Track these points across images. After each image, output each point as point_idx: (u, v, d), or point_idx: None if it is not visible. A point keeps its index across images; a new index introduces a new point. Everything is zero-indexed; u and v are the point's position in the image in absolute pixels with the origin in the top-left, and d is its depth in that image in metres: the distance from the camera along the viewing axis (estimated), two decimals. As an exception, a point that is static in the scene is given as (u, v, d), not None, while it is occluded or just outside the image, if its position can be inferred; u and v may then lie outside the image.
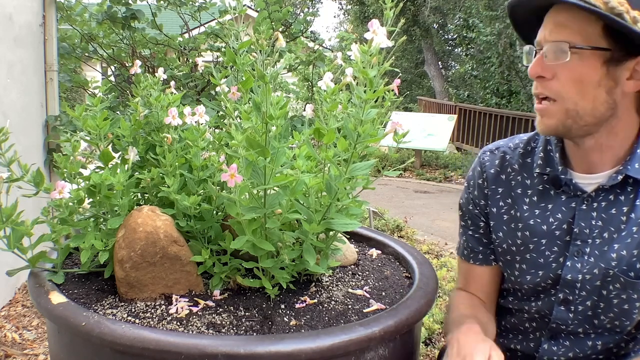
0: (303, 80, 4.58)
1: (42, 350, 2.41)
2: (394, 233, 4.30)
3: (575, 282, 1.03)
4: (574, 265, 1.03)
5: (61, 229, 1.11)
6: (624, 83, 0.92)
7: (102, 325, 0.90)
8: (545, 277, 1.07)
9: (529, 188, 1.08)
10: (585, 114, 0.93)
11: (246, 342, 0.87)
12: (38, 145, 3.14)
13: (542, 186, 1.06)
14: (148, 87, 1.28)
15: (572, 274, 1.03)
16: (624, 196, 0.99)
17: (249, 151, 1.00)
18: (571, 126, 0.95)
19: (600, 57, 0.90)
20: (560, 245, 1.05)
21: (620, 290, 1.01)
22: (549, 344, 1.11)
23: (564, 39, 0.90)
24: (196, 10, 3.64)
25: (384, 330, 0.94)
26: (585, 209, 1.02)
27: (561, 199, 1.04)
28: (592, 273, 1.02)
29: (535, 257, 1.07)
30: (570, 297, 1.05)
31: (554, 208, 1.05)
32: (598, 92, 0.91)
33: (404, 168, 8.48)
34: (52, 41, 3.22)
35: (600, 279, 1.01)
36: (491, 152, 1.15)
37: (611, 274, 1.00)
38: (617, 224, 1.00)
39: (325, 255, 1.15)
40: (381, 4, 1.01)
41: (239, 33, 1.25)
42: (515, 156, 1.11)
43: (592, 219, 1.01)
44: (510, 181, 1.11)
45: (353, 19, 18.23)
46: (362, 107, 1.00)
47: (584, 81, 0.91)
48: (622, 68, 0.91)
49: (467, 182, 1.18)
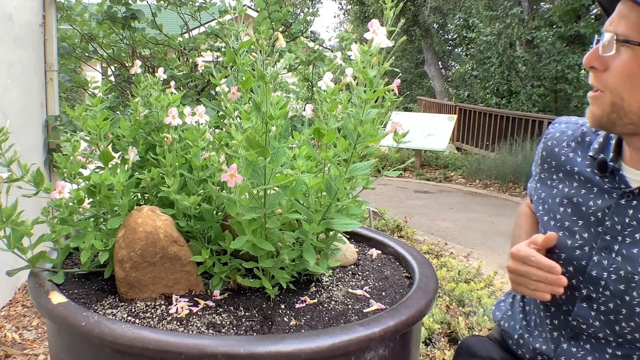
0: (303, 80, 4.59)
1: (42, 350, 2.41)
2: (394, 233, 4.30)
3: (599, 279, 0.99)
4: (600, 261, 0.99)
5: (61, 229, 1.11)
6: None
7: (102, 325, 0.90)
8: (568, 262, 1.04)
9: (580, 167, 1.06)
10: (630, 111, 0.91)
11: (246, 342, 0.87)
12: (38, 145, 3.14)
13: (591, 169, 1.04)
14: (148, 87, 1.28)
15: (597, 270, 1.00)
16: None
17: (249, 151, 1.00)
18: (615, 121, 0.93)
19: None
20: (591, 233, 1.01)
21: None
22: (568, 344, 1.07)
23: (619, 31, 0.88)
24: (196, 10, 3.65)
25: (384, 330, 0.94)
26: (623, 204, 0.98)
27: (604, 186, 1.01)
28: (617, 274, 0.97)
29: (566, 237, 1.05)
30: (593, 294, 1.01)
31: (597, 193, 1.02)
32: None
33: (404, 168, 8.48)
34: (52, 41, 3.22)
35: (625, 283, 0.96)
36: (559, 123, 1.16)
37: (636, 280, 0.95)
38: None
39: (325, 255, 1.15)
40: (381, 4, 1.01)
41: (239, 33, 1.25)
42: (577, 133, 1.10)
43: (627, 216, 0.97)
44: (561, 156, 1.10)
45: (353, 19, 18.24)
46: (362, 107, 1.00)
47: (633, 77, 0.89)
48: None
49: (538, 147, 1.19)
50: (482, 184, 8.14)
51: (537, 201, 1.15)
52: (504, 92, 10.92)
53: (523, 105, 10.37)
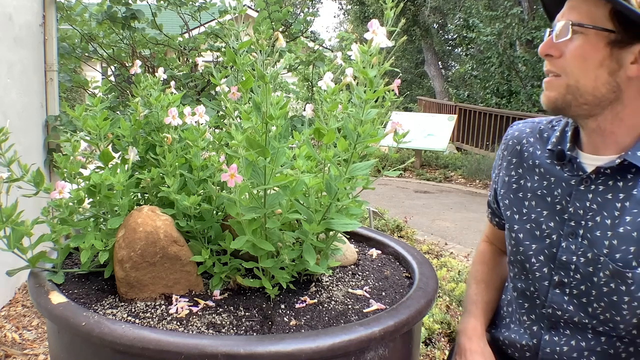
0: (303, 80, 4.59)
1: (42, 350, 2.41)
2: (394, 233, 4.30)
3: (569, 263, 1.04)
4: (568, 246, 1.05)
5: (61, 229, 1.11)
6: (628, 67, 0.94)
7: (102, 325, 0.90)
8: (539, 251, 1.09)
9: (540, 160, 1.11)
10: (585, 92, 0.96)
11: (246, 342, 0.87)
12: (38, 145, 3.14)
13: (551, 161, 1.09)
14: (148, 87, 1.28)
15: (567, 255, 1.05)
16: (622, 183, 0.99)
17: (249, 151, 1.00)
18: (571, 102, 0.98)
19: (605, 38, 0.93)
20: (557, 222, 1.07)
21: (609, 278, 0.99)
22: (549, 335, 1.11)
23: (571, 18, 0.95)
24: (196, 10, 3.65)
25: (384, 330, 0.94)
26: (582, 190, 1.03)
27: (564, 175, 1.06)
28: (585, 257, 1.02)
29: (534, 228, 1.10)
30: (565, 279, 1.06)
31: (556, 182, 1.07)
32: (600, 72, 0.94)
33: (404, 168, 8.48)
34: (52, 41, 3.22)
35: (593, 265, 1.01)
36: (516, 125, 1.22)
37: (601, 261, 1.00)
38: (612, 211, 0.99)
39: (325, 255, 1.15)
40: (381, 4, 1.01)
41: (239, 33, 1.25)
42: (535, 130, 1.16)
43: (588, 200, 1.02)
44: (523, 152, 1.15)
45: (353, 19, 18.23)
46: (362, 107, 1.00)
47: (586, 59, 0.94)
48: (627, 52, 0.93)
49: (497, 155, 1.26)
50: (482, 184, 8.14)
51: (502, 199, 1.19)
52: (504, 92, 10.91)
53: (523, 105, 10.37)
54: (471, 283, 1.30)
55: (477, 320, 1.22)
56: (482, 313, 1.23)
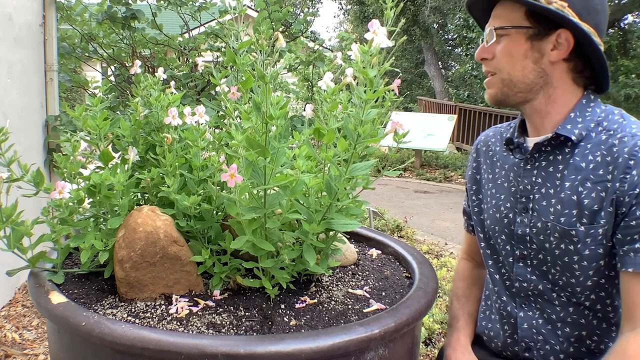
0: (303, 80, 4.59)
1: (42, 350, 2.41)
2: (394, 233, 4.30)
3: (525, 236, 1.16)
4: (522, 221, 1.17)
5: (61, 229, 1.11)
6: (549, 53, 1.08)
7: (102, 325, 0.90)
8: (500, 230, 1.22)
9: (499, 154, 1.26)
10: (517, 81, 1.11)
11: (246, 342, 0.87)
12: (38, 145, 3.14)
13: (506, 152, 1.24)
14: (148, 87, 1.28)
15: (522, 228, 1.17)
16: (561, 156, 1.12)
17: (249, 151, 1.00)
18: (508, 93, 1.13)
19: (524, 34, 1.09)
20: (512, 202, 1.20)
21: (558, 240, 1.10)
22: (523, 311, 1.21)
23: (495, 25, 1.12)
24: (196, 10, 3.64)
25: (384, 330, 0.94)
26: (528, 169, 1.16)
27: (515, 160, 1.20)
28: (537, 227, 1.14)
29: (495, 212, 1.24)
30: (525, 252, 1.18)
31: (509, 167, 1.22)
32: (526, 63, 1.10)
33: (404, 168, 8.48)
34: (52, 41, 3.22)
35: (543, 233, 1.13)
36: (485, 133, 1.36)
37: (549, 226, 1.11)
38: (554, 181, 1.12)
39: (325, 255, 1.15)
40: (381, 4, 1.01)
41: (239, 33, 1.25)
42: (497, 133, 1.31)
43: (533, 176, 1.15)
44: (489, 152, 1.30)
45: (353, 19, 18.22)
46: (362, 107, 1.00)
47: (513, 55, 1.10)
48: (546, 41, 1.08)
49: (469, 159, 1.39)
50: (482, 184, 8.12)
51: (474, 194, 1.33)
52: (504, 92, 10.90)
53: (523, 106, 10.36)
54: (452, 300, 1.40)
55: (460, 332, 1.32)
56: (464, 325, 1.33)
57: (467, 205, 1.38)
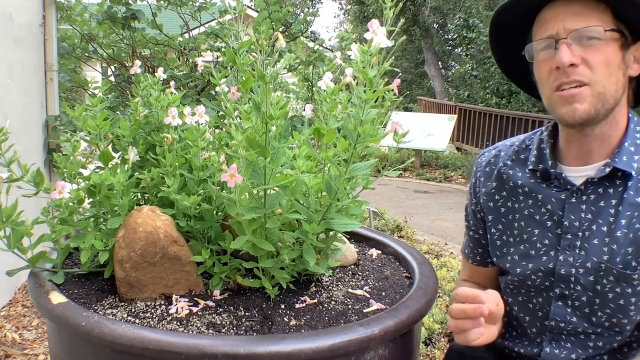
0: (303, 80, 4.59)
1: (42, 350, 2.41)
2: (394, 233, 4.30)
3: (569, 276, 1.04)
4: (566, 259, 1.04)
5: (61, 229, 1.11)
6: (631, 67, 0.97)
7: (102, 325, 0.90)
8: (536, 269, 1.08)
9: (523, 181, 1.11)
10: (610, 96, 0.95)
11: (246, 342, 0.87)
12: (38, 145, 3.14)
13: (535, 180, 1.09)
14: (148, 87, 1.28)
15: (566, 268, 1.04)
16: (612, 189, 1.00)
17: (249, 151, 1.00)
18: (600, 111, 0.96)
19: (618, 41, 0.95)
20: (551, 238, 1.06)
21: (613, 283, 1.00)
22: (550, 347, 1.10)
23: (590, 25, 0.93)
24: (196, 10, 3.64)
25: (384, 330, 0.94)
26: (574, 202, 1.03)
27: (552, 191, 1.06)
28: (585, 267, 1.02)
29: (528, 248, 1.10)
30: (566, 292, 1.05)
31: (544, 199, 1.07)
32: (619, 75, 0.95)
33: (404, 168, 8.48)
34: (52, 41, 3.22)
35: (594, 274, 1.01)
36: (488, 152, 1.22)
37: (603, 268, 1.00)
38: (606, 217, 1.00)
39: (325, 255, 1.15)
40: (381, 4, 1.01)
41: (239, 33, 1.25)
42: (509, 152, 1.16)
43: (582, 212, 1.03)
44: (502, 175, 1.14)
45: (353, 19, 18.23)
46: (362, 107, 1.00)
47: (610, 64, 0.94)
48: (629, 52, 0.96)
49: (469, 184, 1.24)
50: (482, 184, 8.12)
51: (492, 226, 1.17)
52: (504, 92, 10.90)
53: (523, 105, 10.36)
54: None
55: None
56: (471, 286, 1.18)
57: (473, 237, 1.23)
